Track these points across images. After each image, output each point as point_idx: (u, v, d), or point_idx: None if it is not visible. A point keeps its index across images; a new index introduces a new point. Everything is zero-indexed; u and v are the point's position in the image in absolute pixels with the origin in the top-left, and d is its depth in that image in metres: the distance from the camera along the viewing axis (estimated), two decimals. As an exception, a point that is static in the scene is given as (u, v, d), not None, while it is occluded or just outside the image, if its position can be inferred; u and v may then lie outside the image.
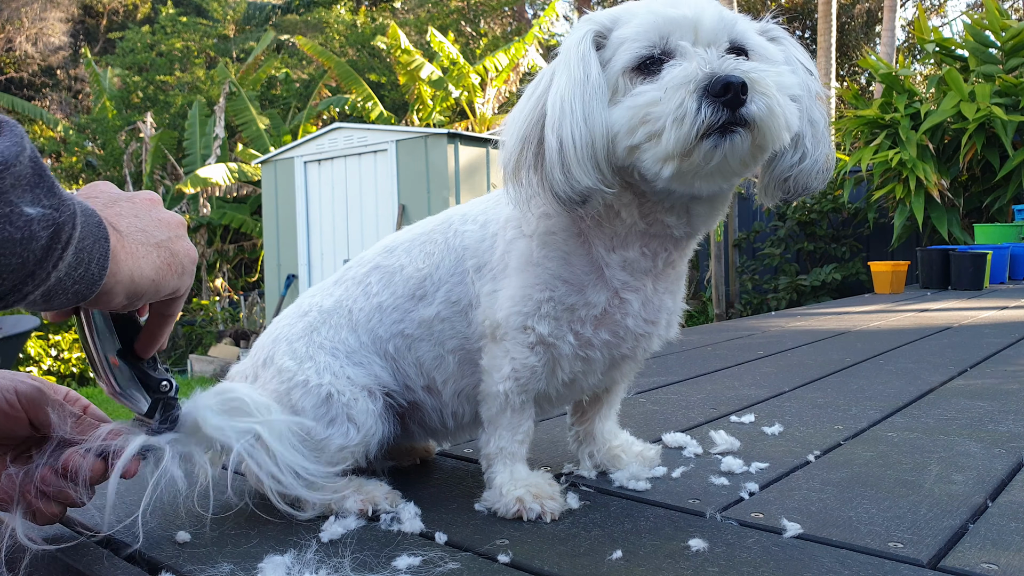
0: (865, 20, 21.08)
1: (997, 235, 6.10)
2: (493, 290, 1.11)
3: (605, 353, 1.11)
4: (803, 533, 0.99)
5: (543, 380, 1.11)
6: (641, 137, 0.94)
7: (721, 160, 0.93)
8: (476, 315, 1.13)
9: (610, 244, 1.07)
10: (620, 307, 1.08)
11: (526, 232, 1.09)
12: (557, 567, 0.91)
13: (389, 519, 1.06)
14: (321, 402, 1.10)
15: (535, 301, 1.07)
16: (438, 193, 8.99)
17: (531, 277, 1.07)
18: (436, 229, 1.20)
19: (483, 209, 1.18)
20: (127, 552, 0.99)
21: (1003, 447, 1.38)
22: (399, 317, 1.16)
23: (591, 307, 1.07)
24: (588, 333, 1.08)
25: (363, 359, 1.16)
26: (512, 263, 1.09)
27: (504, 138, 1.04)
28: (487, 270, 1.13)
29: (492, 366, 1.11)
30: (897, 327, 3.34)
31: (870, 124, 7.21)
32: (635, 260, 1.07)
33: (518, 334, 1.08)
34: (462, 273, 1.15)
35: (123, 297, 0.79)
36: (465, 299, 1.14)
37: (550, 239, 1.07)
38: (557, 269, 1.07)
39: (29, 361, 9.46)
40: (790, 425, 1.58)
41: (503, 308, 1.08)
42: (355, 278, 1.22)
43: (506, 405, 1.11)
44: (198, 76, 19.35)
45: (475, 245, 1.15)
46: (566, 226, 1.07)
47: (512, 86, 15.77)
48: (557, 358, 1.10)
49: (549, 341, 1.08)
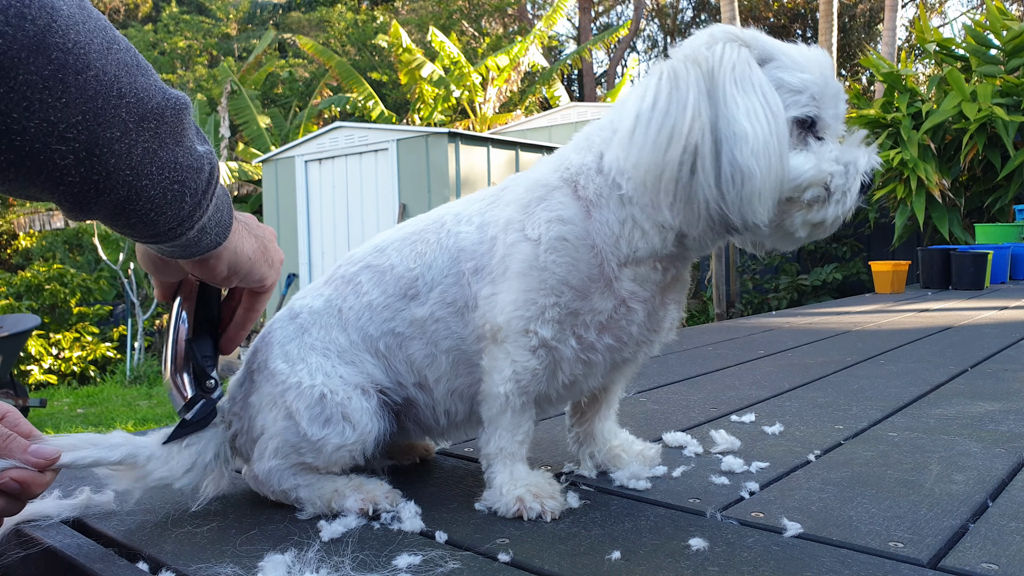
0: (866, 20, 21.06)
1: (998, 235, 6.10)
2: (492, 293, 1.10)
3: (607, 357, 1.11)
4: (803, 532, 0.99)
5: (544, 382, 1.11)
6: (809, 196, 1.01)
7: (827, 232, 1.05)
8: (474, 317, 1.12)
9: (624, 260, 1.07)
10: (626, 315, 1.09)
11: (530, 236, 1.08)
12: (557, 566, 0.91)
13: (389, 518, 1.06)
14: (315, 403, 1.10)
15: (539, 305, 1.06)
16: (439, 192, 8.99)
17: (535, 281, 1.07)
18: (427, 228, 1.19)
19: (478, 210, 1.17)
20: (127, 551, 0.99)
21: (1004, 447, 1.38)
22: (390, 316, 1.16)
23: (596, 313, 1.08)
24: (591, 338, 1.09)
25: (354, 358, 1.15)
26: (514, 266, 1.08)
27: (646, 139, 0.96)
28: (486, 273, 1.12)
29: (493, 368, 1.10)
30: (898, 327, 3.34)
31: (871, 124, 7.21)
32: (646, 275, 1.08)
33: (520, 337, 1.08)
34: (457, 274, 1.14)
35: (226, 267, 0.94)
36: (461, 300, 1.14)
37: (560, 245, 1.06)
38: (565, 275, 1.06)
39: (30, 360, 9.46)
40: (790, 425, 1.58)
41: (504, 312, 1.08)
42: (345, 277, 1.21)
43: (506, 406, 1.11)
44: (200, 75, 19.34)
45: (472, 247, 1.14)
46: (580, 235, 1.07)
47: (513, 86, 15.77)
48: (558, 361, 1.10)
49: (551, 345, 1.08)
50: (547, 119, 13.71)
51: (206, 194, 0.81)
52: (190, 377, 1.06)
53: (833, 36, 11.75)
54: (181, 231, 0.81)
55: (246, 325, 1.10)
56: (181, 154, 0.76)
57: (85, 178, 0.70)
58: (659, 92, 0.97)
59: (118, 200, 0.73)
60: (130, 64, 0.71)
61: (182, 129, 0.76)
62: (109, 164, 0.70)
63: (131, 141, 0.71)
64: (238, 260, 0.96)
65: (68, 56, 0.65)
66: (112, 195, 0.72)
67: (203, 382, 1.07)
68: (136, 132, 0.71)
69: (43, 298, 10.24)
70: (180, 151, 0.76)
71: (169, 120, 0.74)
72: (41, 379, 9.45)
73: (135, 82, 0.71)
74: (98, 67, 0.67)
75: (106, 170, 0.70)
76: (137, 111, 0.71)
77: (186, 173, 0.77)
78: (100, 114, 0.68)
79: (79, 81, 0.66)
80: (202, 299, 1.07)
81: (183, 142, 0.76)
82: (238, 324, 1.10)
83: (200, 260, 0.91)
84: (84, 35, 0.66)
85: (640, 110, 0.97)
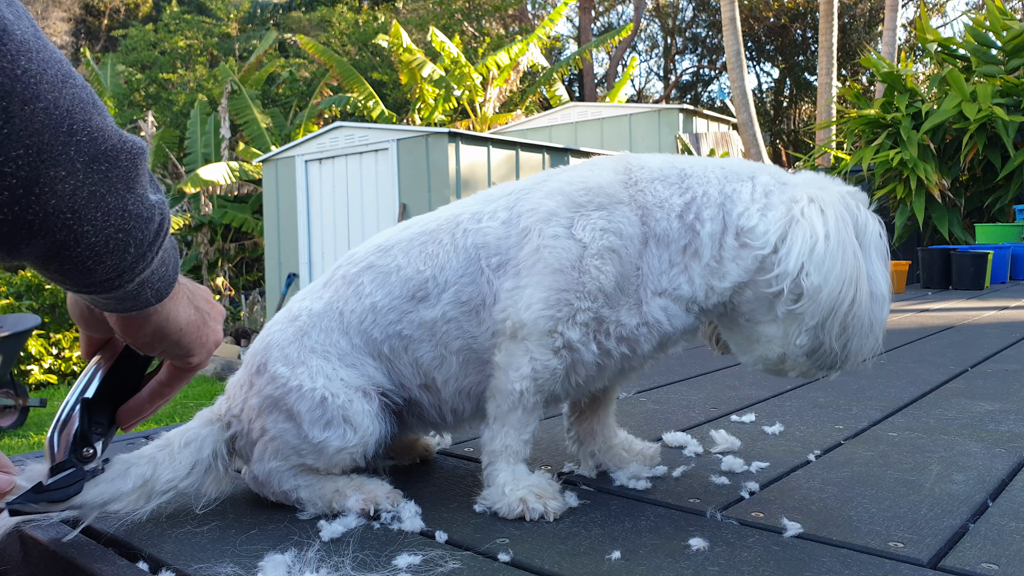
0: (866, 20, 21.06)
1: (998, 235, 6.10)
2: (516, 286, 1.09)
3: (618, 364, 1.13)
4: (803, 532, 0.99)
5: (559, 383, 1.12)
6: None
7: None
8: (493, 312, 1.11)
9: (660, 291, 1.10)
10: (646, 334, 1.11)
11: (577, 236, 1.07)
12: (558, 566, 0.91)
13: (389, 518, 1.06)
14: (316, 405, 1.10)
15: (573, 307, 1.06)
16: (439, 192, 9.00)
17: (572, 282, 1.06)
18: (440, 229, 1.17)
19: (505, 205, 1.16)
20: (127, 550, 0.99)
21: (1004, 447, 1.38)
22: (395, 318, 1.15)
23: (620, 325, 1.09)
24: (610, 345, 1.10)
25: (355, 361, 1.15)
26: (551, 261, 1.07)
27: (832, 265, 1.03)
28: (510, 267, 1.11)
29: (509, 364, 1.09)
30: (898, 327, 3.34)
31: (871, 124, 7.21)
32: (675, 312, 1.11)
33: (545, 337, 1.07)
34: (474, 273, 1.13)
35: (151, 330, 0.84)
36: (478, 298, 1.13)
37: (610, 256, 1.07)
38: (604, 283, 1.07)
39: (30, 360, 9.46)
40: (791, 424, 1.58)
41: (532, 308, 1.07)
42: (345, 278, 1.19)
43: (519, 403, 1.10)
44: (201, 74, 19.34)
45: (495, 242, 1.12)
46: (632, 256, 1.09)
47: (513, 85, 15.77)
48: (576, 363, 1.10)
49: (575, 347, 1.08)
50: (547, 119, 13.72)
51: (152, 246, 0.74)
52: (68, 440, 0.93)
53: (833, 36, 11.75)
54: (120, 283, 0.74)
55: (153, 400, 0.96)
56: (131, 201, 0.71)
57: (18, 217, 0.63)
58: (831, 226, 1.03)
59: (53, 244, 0.67)
60: (86, 101, 0.65)
61: (136, 175, 0.71)
62: (48, 205, 0.64)
63: (77, 182, 0.65)
64: (167, 327, 0.85)
65: (16, 84, 0.59)
66: (47, 239, 0.66)
67: (80, 449, 0.93)
68: (84, 173, 0.66)
69: (43, 298, 10.24)
70: (131, 198, 0.70)
71: (123, 164, 0.69)
72: (41, 379, 9.46)
73: (90, 120, 0.66)
74: (49, 99, 0.62)
75: (44, 211, 0.64)
76: (88, 151, 0.66)
77: (134, 222, 0.71)
78: (46, 150, 0.62)
79: (25, 112, 0.60)
80: (123, 363, 0.95)
81: (135, 189, 0.71)
82: (144, 398, 0.95)
83: (124, 316, 0.81)
84: (37, 64, 0.61)
85: (823, 232, 1.03)
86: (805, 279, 1.02)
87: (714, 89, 28.17)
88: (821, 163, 9.45)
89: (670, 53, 27.10)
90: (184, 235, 13.85)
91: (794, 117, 24.68)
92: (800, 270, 1.02)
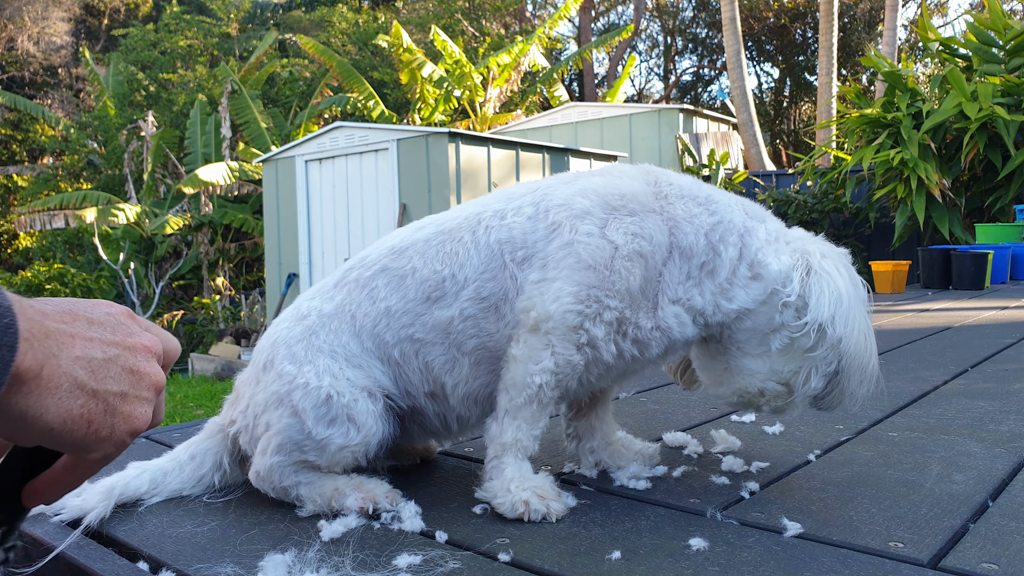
0: (867, 20, 21.06)
1: (998, 235, 6.10)
2: (543, 278, 1.10)
3: (627, 365, 1.17)
4: (803, 532, 0.99)
5: (575, 379, 1.13)
6: None
7: None
8: (516, 304, 1.11)
9: (675, 299, 1.14)
10: (657, 339, 1.14)
11: (609, 237, 1.10)
12: (558, 566, 0.91)
13: (390, 518, 1.06)
14: (321, 403, 1.10)
15: (601, 304, 1.08)
16: (439, 192, 8.99)
17: (603, 280, 1.08)
18: (460, 227, 1.18)
19: (531, 201, 1.17)
20: (127, 550, 0.99)
21: (1004, 447, 1.38)
22: (409, 321, 1.15)
23: (637, 328, 1.13)
24: (625, 346, 1.13)
25: (363, 363, 1.15)
26: (584, 256, 1.09)
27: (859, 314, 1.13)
28: (536, 259, 1.12)
29: (528, 357, 1.09)
30: (898, 327, 3.34)
31: (872, 123, 7.21)
32: (685, 321, 1.15)
33: (570, 332, 1.08)
34: (496, 269, 1.13)
35: (10, 425, 0.61)
36: (499, 293, 1.13)
37: (638, 259, 1.10)
38: (631, 284, 1.10)
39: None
40: (791, 424, 1.58)
41: (560, 301, 1.08)
42: (359, 281, 1.20)
43: (535, 397, 1.10)
44: (201, 74, 19.34)
45: (522, 236, 1.14)
46: (657, 262, 1.13)
47: (513, 85, 15.77)
48: (593, 360, 1.12)
49: (598, 345, 1.10)
50: (547, 119, 13.70)
51: None
52: None
53: (833, 36, 11.75)
54: None
55: (60, 484, 0.71)
56: None
57: None
58: (848, 283, 1.14)
59: None
60: None
61: None
62: None
63: None
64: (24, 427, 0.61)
65: None
66: None
67: None
68: None
69: (43, 298, 10.25)
70: None
71: None
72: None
73: None
74: None
75: None
76: None
77: None
78: None
79: None
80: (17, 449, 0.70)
81: None
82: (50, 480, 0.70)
83: None
84: None
85: (844, 287, 1.12)
86: (830, 328, 1.09)
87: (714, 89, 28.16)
88: (821, 163, 9.45)
89: (670, 53, 27.09)
90: (184, 235, 13.85)
91: (794, 117, 24.67)
92: (831, 320, 1.10)
